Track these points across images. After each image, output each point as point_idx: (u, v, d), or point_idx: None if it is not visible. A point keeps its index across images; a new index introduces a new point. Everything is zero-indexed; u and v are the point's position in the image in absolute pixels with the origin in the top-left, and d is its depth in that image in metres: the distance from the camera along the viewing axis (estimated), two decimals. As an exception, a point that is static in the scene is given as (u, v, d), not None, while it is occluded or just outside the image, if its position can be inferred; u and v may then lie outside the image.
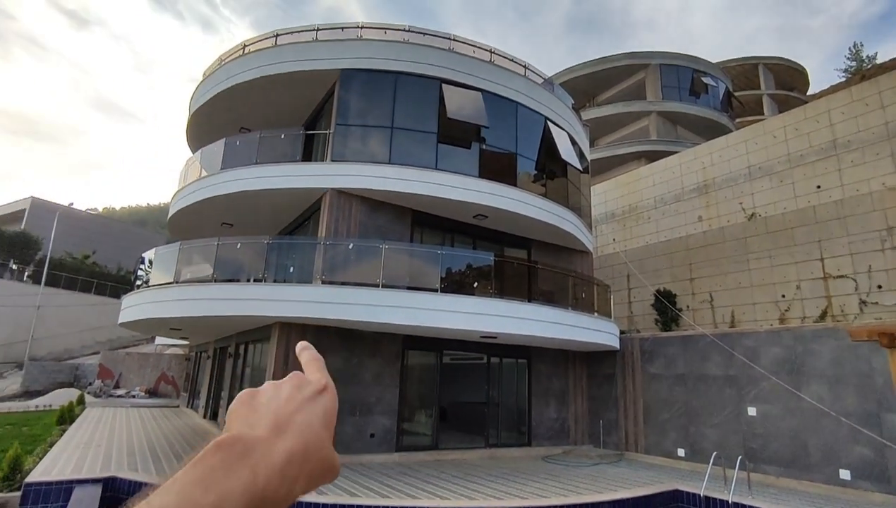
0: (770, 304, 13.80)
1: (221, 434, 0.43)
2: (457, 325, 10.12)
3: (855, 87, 13.47)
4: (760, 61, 35.28)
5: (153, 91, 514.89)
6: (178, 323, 12.25)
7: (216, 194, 12.05)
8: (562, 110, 14.56)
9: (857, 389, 9.28)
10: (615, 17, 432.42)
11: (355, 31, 13.20)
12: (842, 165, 13.06)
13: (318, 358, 0.56)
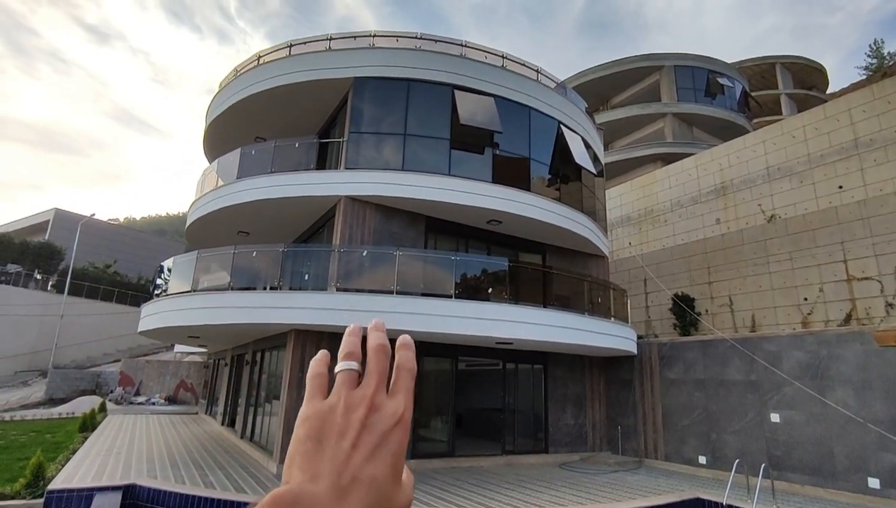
0: (792, 308, 13.50)
1: (280, 488, 0.38)
2: (472, 331, 10.08)
3: (876, 85, 13.17)
4: (778, 61, 34.73)
5: (172, 103, 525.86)
6: (196, 331, 12.40)
7: (232, 203, 12.21)
8: (575, 114, 14.48)
9: (884, 394, 9.00)
10: (627, 19, 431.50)
11: (368, 39, 13.32)
12: (864, 165, 12.75)
13: (408, 368, 0.47)
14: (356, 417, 0.43)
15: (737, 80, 27.90)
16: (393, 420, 0.43)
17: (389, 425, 0.43)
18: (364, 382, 0.46)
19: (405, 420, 0.44)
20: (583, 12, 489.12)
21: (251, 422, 13.20)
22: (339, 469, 0.39)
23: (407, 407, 0.44)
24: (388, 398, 0.45)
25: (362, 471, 0.39)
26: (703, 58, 27.37)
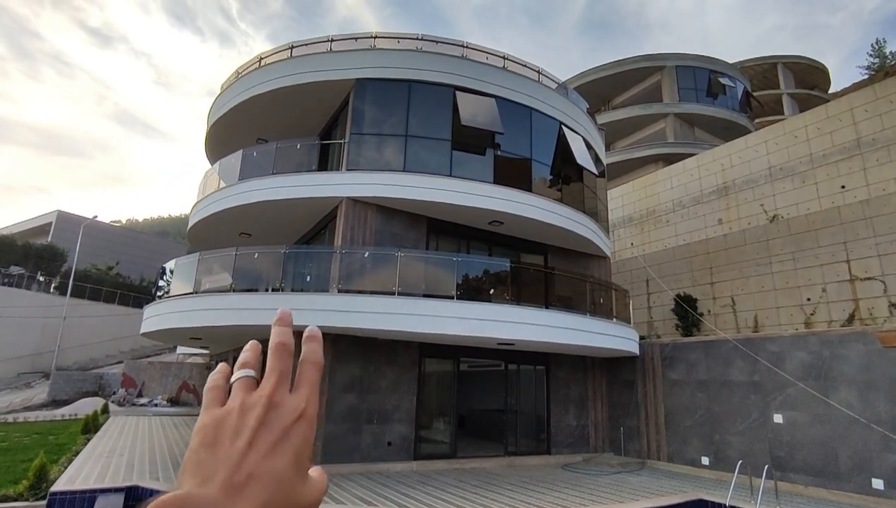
0: (795, 308, 13.46)
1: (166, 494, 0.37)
2: (473, 332, 10.07)
3: (879, 85, 13.13)
4: (779, 60, 34.67)
5: (174, 105, 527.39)
6: (199, 333, 12.41)
7: (234, 205, 12.23)
8: (576, 114, 14.47)
9: (888, 395, 8.97)
10: (629, 19, 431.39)
11: (369, 41, 13.33)
12: (867, 164, 12.72)
13: (313, 360, 0.46)
14: (253, 415, 0.42)
15: (738, 80, 27.85)
16: (294, 414, 0.42)
17: (290, 420, 0.42)
18: (262, 382, 0.45)
19: (308, 414, 0.43)
20: (584, 12, 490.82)
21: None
22: (232, 468, 0.38)
23: (310, 402, 0.44)
24: (290, 394, 0.44)
25: (259, 467, 0.38)
26: (705, 58, 27.33)
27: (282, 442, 0.40)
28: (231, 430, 0.41)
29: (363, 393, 10.67)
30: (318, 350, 0.47)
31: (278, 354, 0.46)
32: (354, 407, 10.53)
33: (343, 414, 10.39)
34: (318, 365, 0.46)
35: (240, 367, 0.48)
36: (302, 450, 0.41)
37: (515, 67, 13.56)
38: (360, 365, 10.79)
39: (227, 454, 0.39)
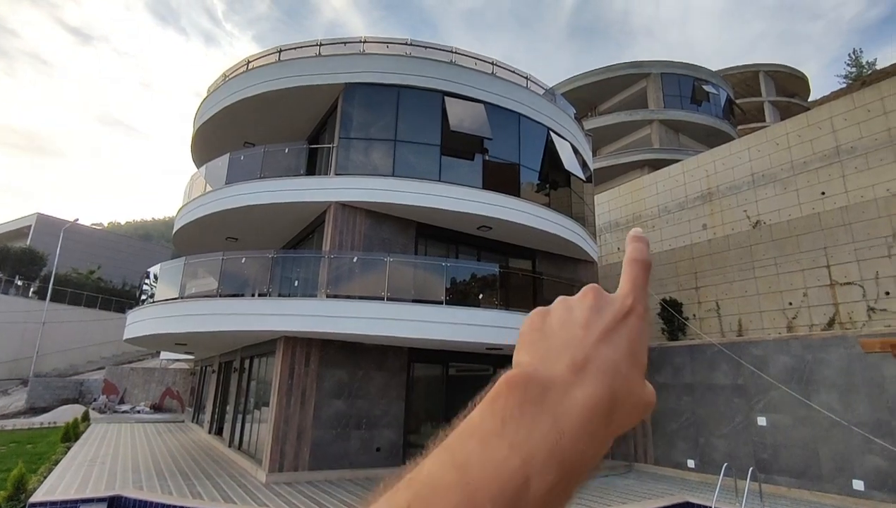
0: (777, 312, 13.70)
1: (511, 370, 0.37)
2: (462, 338, 10.09)
3: (856, 94, 13.48)
4: (761, 69, 35.42)
5: (158, 106, 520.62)
6: (184, 339, 12.25)
7: (221, 209, 12.10)
8: (564, 120, 14.62)
9: (868, 398, 9.16)
10: (614, 26, 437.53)
11: (358, 45, 13.33)
12: (846, 172, 13.03)
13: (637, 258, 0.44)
14: (584, 304, 0.41)
15: (721, 87, 28.37)
16: (623, 308, 0.41)
17: (620, 311, 0.40)
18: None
19: (637, 310, 0.41)
20: (571, 19, 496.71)
21: (239, 430, 13.04)
22: (570, 348, 0.38)
23: (636, 298, 0.41)
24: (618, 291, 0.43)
25: (596, 351, 0.37)
26: (689, 65, 27.80)
27: (614, 332, 0.39)
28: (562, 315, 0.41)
29: (352, 399, 10.61)
30: (643, 249, 0.45)
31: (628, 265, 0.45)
32: (343, 413, 10.46)
33: (331, 419, 10.31)
34: (642, 264, 0.44)
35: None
36: (636, 345, 0.40)
37: (504, 73, 13.66)
38: (349, 371, 10.73)
39: (564, 336, 0.39)
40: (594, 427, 0.34)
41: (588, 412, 0.34)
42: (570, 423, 0.33)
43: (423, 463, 0.32)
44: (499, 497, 0.29)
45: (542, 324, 0.41)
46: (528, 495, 0.30)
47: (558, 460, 0.31)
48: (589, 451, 0.33)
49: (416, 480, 0.31)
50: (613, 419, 0.35)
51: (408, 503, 0.29)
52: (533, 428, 0.32)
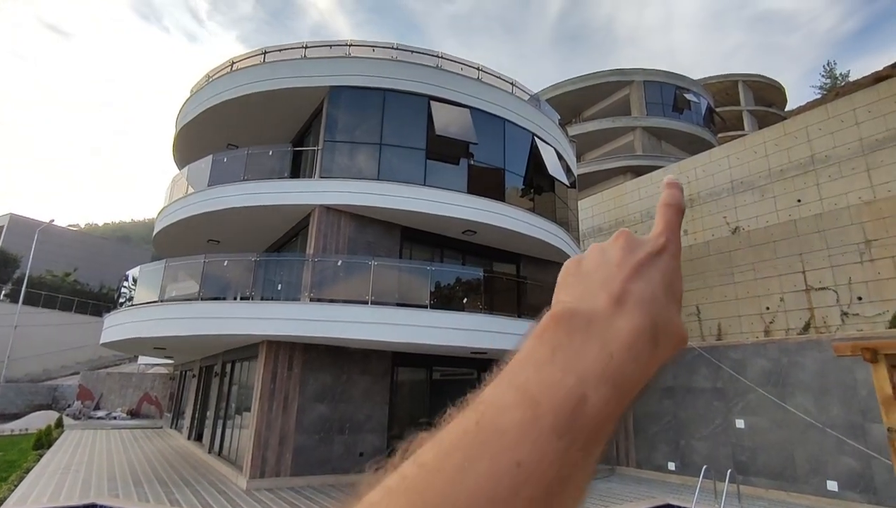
0: (755, 317, 13.98)
1: (554, 306, 0.38)
2: (446, 342, 10.09)
3: (830, 104, 13.88)
4: (740, 78, 36.23)
5: (138, 105, 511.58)
6: (163, 343, 12.03)
7: (203, 211, 11.95)
8: (548, 126, 14.76)
9: (841, 400, 9.40)
10: (599, 34, 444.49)
11: (344, 48, 13.31)
12: (820, 180, 13.39)
13: (670, 203, 0.46)
14: (617, 245, 0.43)
15: (702, 96, 28.95)
16: (656, 246, 0.42)
17: (654, 249, 0.42)
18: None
19: (671, 249, 0.42)
20: (556, 25, 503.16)
21: (220, 436, 12.83)
22: (607, 285, 0.39)
23: (669, 239, 0.43)
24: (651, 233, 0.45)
25: (632, 285, 0.38)
26: (671, 74, 28.32)
27: (648, 267, 0.40)
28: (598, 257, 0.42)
29: (335, 403, 10.53)
30: (677, 195, 0.47)
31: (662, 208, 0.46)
32: (326, 417, 10.38)
33: (314, 423, 10.22)
34: (675, 208, 0.46)
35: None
36: (671, 280, 0.41)
37: (489, 79, 13.76)
38: (332, 375, 10.65)
39: (601, 274, 0.40)
40: (640, 351, 0.35)
41: (633, 337, 0.35)
42: (618, 347, 0.34)
43: (482, 391, 0.33)
44: (560, 410, 0.30)
45: (577, 269, 0.42)
46: (585, 409, 0.31)
47: (610, 380, 0.33)
48: (637, 374, 0.34)
49: (481, 402, 0.32)
50: (657, 345, 0.36)
51: (476, 420, 0.30)
52: (583, 354, 0.34)
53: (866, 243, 12.23)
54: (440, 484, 0.27)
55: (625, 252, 0.41)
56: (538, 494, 0.27)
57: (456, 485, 0.26)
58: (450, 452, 0.28)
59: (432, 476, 0.27)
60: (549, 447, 0.29)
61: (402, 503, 0.26)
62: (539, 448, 0.29)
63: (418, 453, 0.30)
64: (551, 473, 0.28)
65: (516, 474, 0.27)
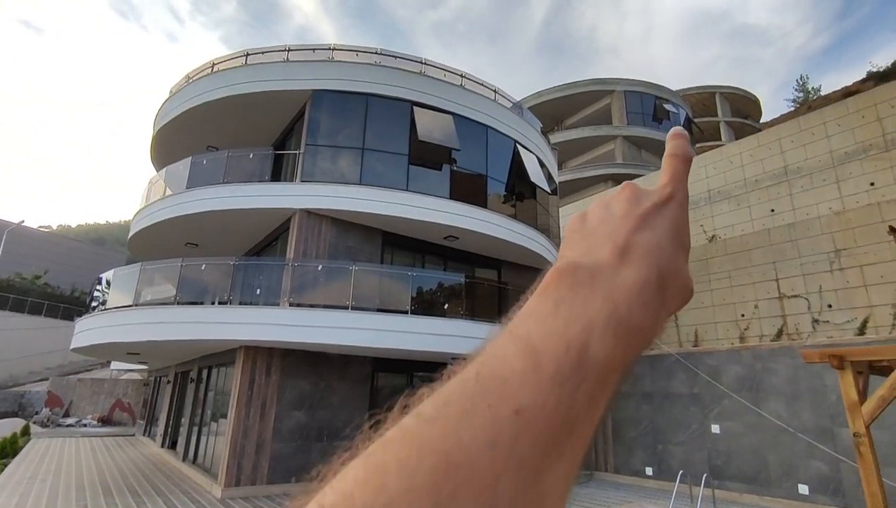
0: (731, 323, 14.27)
1: (557, 263, 0.37)
2: (427, 348, 10.06)
3: (802, 117, 14.32)
4: (717, 90, 37.14)
5: (115, 106, 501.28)
6: (137, 348, 11.75)
7: (181, 214, 11.74)
8: (531, 134, 14.91)
9: (812, 405, 9.64)
10: (581, 43, 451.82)
11: (327, 52, 13.26)
12: (793, 190, 13.78)
13: (676, 153, 0.45)
14: (621, 198, 0.42)
15: (681, 106, 29.60)
16: (662, 196, 0.42)
17: (660, 199, 0.41)
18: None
19: (678, 197, 0.42)
20: (540, 34, 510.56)
21: (194, 443, 12.55)
22: (612, 235, 0.38)
23: (676, 188, 0.42)
24: (657, 184, 0.44)
25: (637, 236, 0.38)
26: (651, 84, 28.89)
27: (654, 217, 0.40)
28: (602, 212, 0.41)
29: (313, 410, 10.40)
30: (684, 144, 0.46)
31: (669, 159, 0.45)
32: (304, 425, 10.24)
33: (291, 431, 10.07)
34: (682, 157, 0.45)
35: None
36: (678, 229, 0.40)
37: (472, 86, 13.85)
38: (311, 381, 10.52)
39: (605, 228, 0.39)
40: (647, 301, 0.34)
41: (639, 288, 0.34)
42: (623, 296, 0.34)
43: (485, 345, 0.33)
44: (562, 359, 0.30)
45: (581, 225, 0.41)
46: (588, 359, 0.30)
47: (614, 329, 0.32)
48: (644, 324, 0.34)
49: (482, 354, 0.32)
50: (665, 295, 0.36)
51: (476, 371, 0.30)
52: (587, 305, 0.33)
53: (836, 252, 12.61)
54: (438, 432, 0.26)
55: (630, 204, 0.41)
56: (539, 441, 0.27)
57: (455, 433, 0.26)
58: (448, 402, 0.28)
59: (430, 425, 0.27)
60: (551, 394, 0.28)
61: (398, 451, 0.26)
62: (540, 395, 0.28)
63: (418, 406, 0.29)
64: (554, 420, 0.28)
65: (516, 421, 0.27)
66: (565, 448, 0.28)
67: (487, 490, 0.25)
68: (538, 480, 0.27)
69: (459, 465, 0.25)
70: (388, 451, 0.26)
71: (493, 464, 0.25)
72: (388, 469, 0.25)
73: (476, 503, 0.24)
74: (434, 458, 0.25)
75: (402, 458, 0.25)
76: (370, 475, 0.25)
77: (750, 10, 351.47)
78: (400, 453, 0.26)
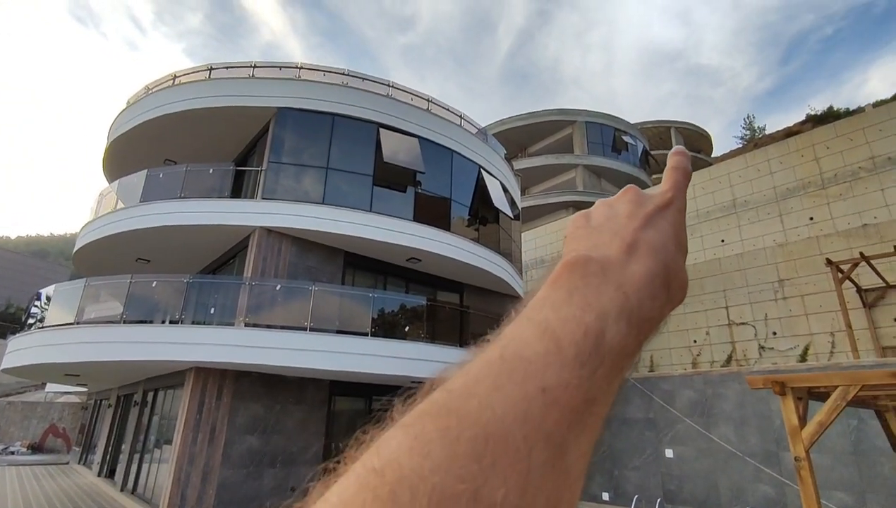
0: (684, 349, 14.74)
1: (568, 255, 0.38)
2: (387, 371, 9.91)
3: (749, 154, 15.21)
4: (672, 125, 39.08)
5: (65, 115, 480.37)
6: (77, 369, 11.06)
7: (134, 228, 11.27)
8: (495, 159, 15.20)
9: (759, 430, 10.00)
10: (545, 73, 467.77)
11: (294, 70, 13.21)
12: (741, 222, 14.52)
13: (677, 166, 0.48)
14: (625, 199, 0.44)
15: (639, 138, 30.93)
16: (664, 200, 0.44)
17: (662, 203, 0.44)
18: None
19: (677, 204, 0.44)
20: (506, 63, 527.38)
21: (135, 472, 11.82)
22: (620, 233, 0.40)
23: (676, 194, 0.45)
24: (658, 190, 0.46)
25: (643, 234, 0.40)
26: (611, 116, 30.12)
27: (656, 218, 0.42)
28: (607, 211, 0.44)
29: (267, 435, 10.00)
30: (684, 161, 0.49)
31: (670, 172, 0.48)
32: (256, 450, 9.82)
33: (242, 457, 9.63)
34: (683, 171, 0.48)
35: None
36: (678, 231, 0.42)
37: (439, 110, 14.06)
38: (265, 405, 10.14)
39: (611, 224, 0.41)
40: (654, 292, 0.36)
41: (647, 280, 0.36)
42: (634, 288, 0.35)
43: (502, 330, 0.34)
44: (581, 343, 0.31)
45: (586, 222, 0.43)
46: (604, 343, 0.32)
47: (627, 317, 0.34)
48: (653, 314, 0.36)
49: (502, 338, 0.32)
50: (669, 290, 0.38)
51: (500, 353, 0.31)
52: (600, 294, 0.34)
53: (780, 282, 13.30)
54: (473, 407, 0.27)
55: (634, 205, 0.43)
56: (564, 417, 0.28)
57: (490, 407, 0.27)
58: (479, 379, 0.29)
59: (464, 399, 0.28)
60: (574, 374, 0.30)
61: (437, 422, 0.27)
62: (564, 374, 0.30)
63: (447, 383, 0.30)
64: (577, 398, 0.29)
65: (543, 399, 0.28)
66: (586, 425, 0.30)
67: (523, 460, 0.26)
68: (564, 453, 0.28)
69: (497, 437, 0.26)
70: (427, 422, 0.27)
71: (526, 437, 0.27)
72: (431, 437, 0.26)
73: (514, 470, 0.25)
74: (474, 429, 0.26)
75: (443, 428, 0.26)
76: (414, 442, 0.26)
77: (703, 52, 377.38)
78: (440, 423, 0.27)
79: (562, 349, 0.31)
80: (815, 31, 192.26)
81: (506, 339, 0.32)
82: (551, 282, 0.37)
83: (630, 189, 0.46)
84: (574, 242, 0.41)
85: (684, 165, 0.48)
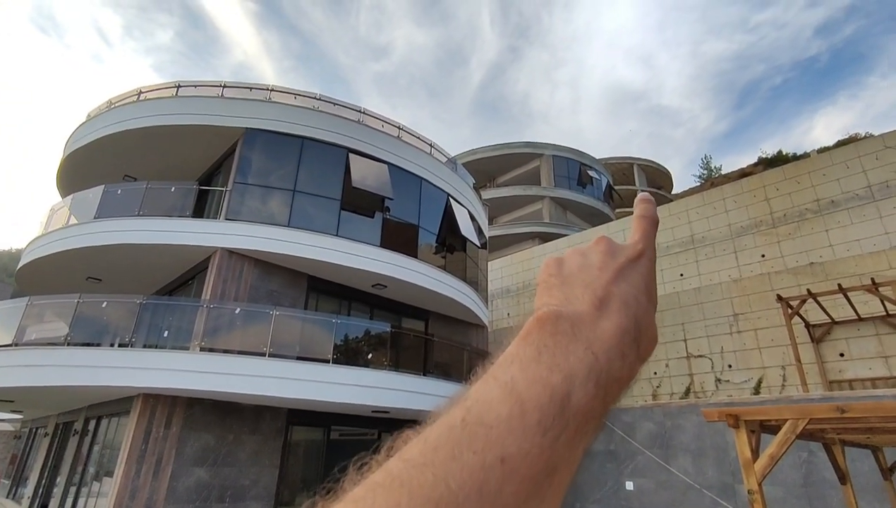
0: (645, 381, 14.97)
1: (540, 309, 0.38)
2: (348, 399, 9.66)
3: (706, 193, 15.91)
4: (635, 162, 40.65)
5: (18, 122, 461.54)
6: (12, 394, 10.32)
7: (87, 245, 10.78)
8: (463, 188, 15.39)
9: (715, 462, 10.16)
10: (515, 107, 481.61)
11: (265, 92, 13.16)
12: (698, 257, 15.07)
13: (645, 215, 0.48)
14: (598, 249, 0.44)
15: (603, 173, 31.99)
16: (635, 252, 0.44)
17: (633, 254, 0.44)
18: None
19: (648, 254, 0.45)
20: (477, 95, 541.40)
21: (70, 506, 10.98)
22: (591, 286, 0.40)
23: (646, 245, 0.45)
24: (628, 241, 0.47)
25: (615, 287, 0.40)
26: (577, 151, 31.12)
27: (628, 271, 0.42)
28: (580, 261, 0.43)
29: (217, 466, 9.50)
30: (651, 208, 0.49)
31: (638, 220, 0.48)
32: (204, 483, 9.30)
33: (189, 491, 9.10)
34: (653, 220, 0.48)
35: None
36: (648, 284, 0.43)
37: (409, 138, 14.22)
38: (217, 434, 9.67)
39: (584, 277, 0.41)
40: (624, 351, 0.36)
41: (617, 338, 0.36)
42: (603, 348, 0.35)
43: (468, 389, 0.33)
44: (545, 407, 0.31)
45: (559, 270, 0.43)
46: (570, 406, 0.31)
47: (595, 378, 0.33)
48: (622, 374, 0.36)
49: (467, 398, 0.32)
50: (640, 345, 0.38)
51: (462, 416, 0.30)
52: (568, 354, 0.34)
53: (734, 316, 13.77)
54: (427, 479, 0.26)
55: (606, 256, 0.43)
56: (522, 488, 0.28)
57: (444, 480, 0.26)
58: (436, 447, 0.28)
59: (418, 471, 0.27)
60: (535, 442, 0.29)
61: (387, 498, 0.26)
62: (525, 443, 0.29)
63: (404, 449, 0.29)
64: (536, 467, 0.29)
65: (501, 469, 0.28)
66: (544, 497, 0.29)
67: None
68: None
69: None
70: (377, 497, 0.26)
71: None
72: None
73: None
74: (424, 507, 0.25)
75: (392, 505, 0.25)
76: None
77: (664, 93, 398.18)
78: (390, 499, 0.26)
79: (525, 413, 0.30)
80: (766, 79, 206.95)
81: (470, 401, 0.32)
82: (521, 338, 0.36)
83: (602, 239, 0.47)
84: (546, 293, 0.42)
85: (651, 213, 0.50)
